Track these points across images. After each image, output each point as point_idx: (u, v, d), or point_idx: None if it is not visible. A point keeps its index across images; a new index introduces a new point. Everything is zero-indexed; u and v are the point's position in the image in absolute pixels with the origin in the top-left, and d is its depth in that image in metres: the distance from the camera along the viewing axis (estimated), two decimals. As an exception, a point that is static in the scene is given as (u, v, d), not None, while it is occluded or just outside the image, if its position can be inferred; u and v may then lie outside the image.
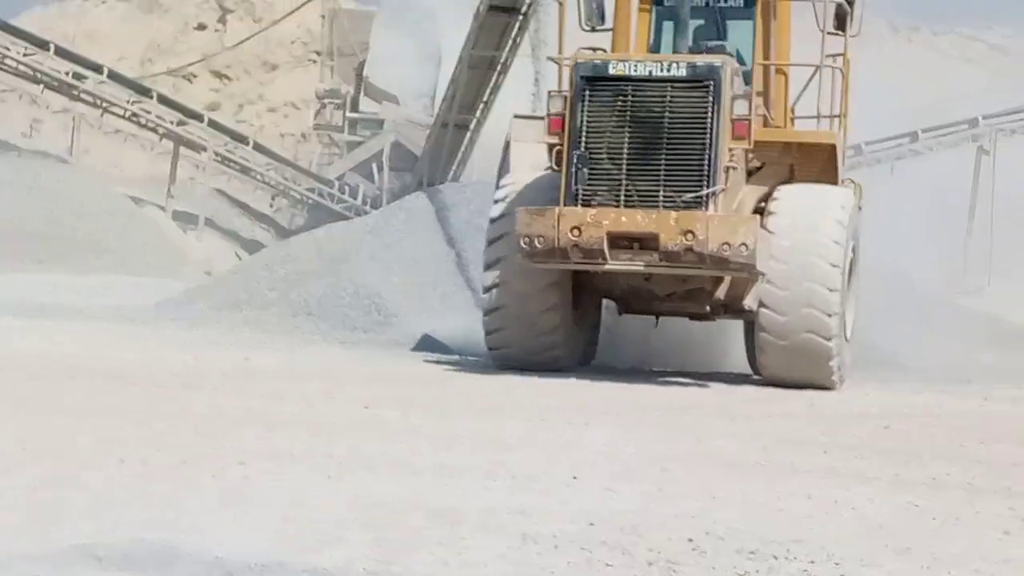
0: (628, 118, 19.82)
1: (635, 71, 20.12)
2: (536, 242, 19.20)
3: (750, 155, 21.73)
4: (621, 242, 19.32)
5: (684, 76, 19.84)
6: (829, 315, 20.04)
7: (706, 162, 19.54)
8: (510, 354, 21.21)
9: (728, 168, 20.02)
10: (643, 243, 19.12)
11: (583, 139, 19.93)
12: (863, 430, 15.03)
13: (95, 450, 11.80)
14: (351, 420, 14.07)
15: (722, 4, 22.72)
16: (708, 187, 19.37)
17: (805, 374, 20.57)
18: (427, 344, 23.50)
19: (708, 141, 19.48)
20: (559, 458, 12.22)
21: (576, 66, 21.58)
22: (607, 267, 19.81)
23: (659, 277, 20.82)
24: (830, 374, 20.51)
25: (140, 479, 10.98)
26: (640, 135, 19.87)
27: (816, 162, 22.20)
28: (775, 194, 21.52)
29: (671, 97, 19.92)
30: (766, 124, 22.61)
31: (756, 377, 22.21)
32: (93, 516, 9.73)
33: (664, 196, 19.63)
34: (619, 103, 19.97)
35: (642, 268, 19.90)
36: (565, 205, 19.67)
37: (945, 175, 36.05)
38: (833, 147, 22.31)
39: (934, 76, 42.65)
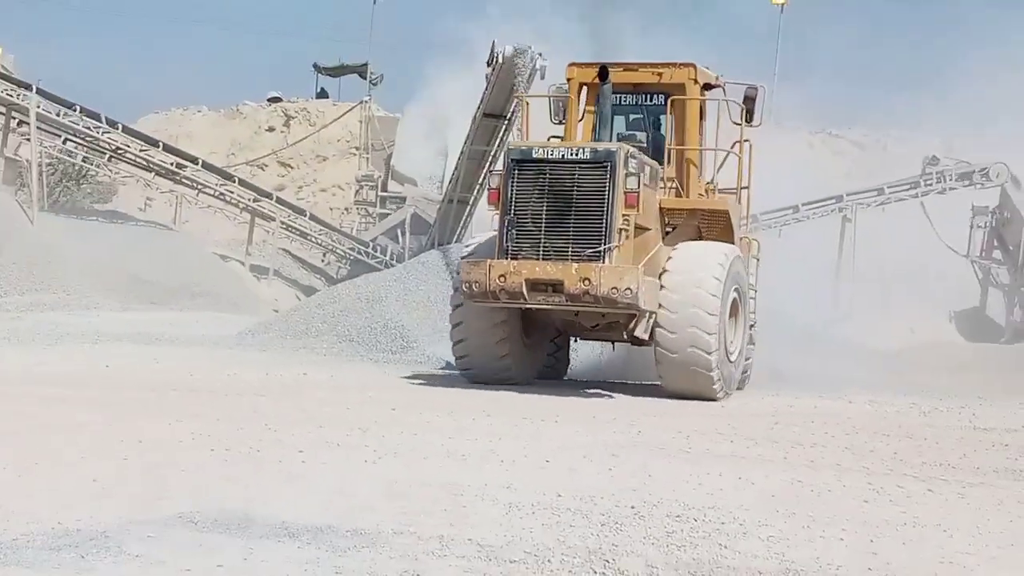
0: (546, 191, 20.32)
1: (551, 155, 20.55)
2: (473, 287, 19.76)
3: (664, 218, 22.05)
4: (538, 286, 19.60)
5: (587, 159, 20.24)
6: (708, 333, 19.63)
7: (603, 225, 19.82)
8: (474, 373, 21.40)
9: (622, 230, 20.15)
10: (554, 287, 19.47)
11: (512, 207, 20.41)
12: (760, 425, 15.01)
13: (190, 442, 11.77)
14: (381, 419, 14.03)
15: (649, 104, 22.94)
16: (604, 244, 19.65)
17: (692, 383, 20.01)
18: (437, 363, 23.60)
19: (605, 209, 19.84)
20: (535, 447, 12.19)
21: (507, 151, 22.18)
22: (527, 305, 20.21)
23: (585, 313, 20.94)
24: (711, 383, 19.78)
25: (223, 464, 10.94)
26: (554, 204, 20.29)
27: (716, 225, 22.27)
28: (677, 246, 21.50)
29: (578, 175, 20.36)
30: (678, 195, 22.66)
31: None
32: (190, 492, 9.69)
33: (572, 251, 19.92)
34: (539, 179, 20.43)
35: (551, 306, 20.25)
36: (498, 258, 20.13)
37: (820, 237, 35.88)
38: (727, 213, 22.25)
39: (811, 163, 42.40)
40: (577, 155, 20.58)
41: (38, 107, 34.39)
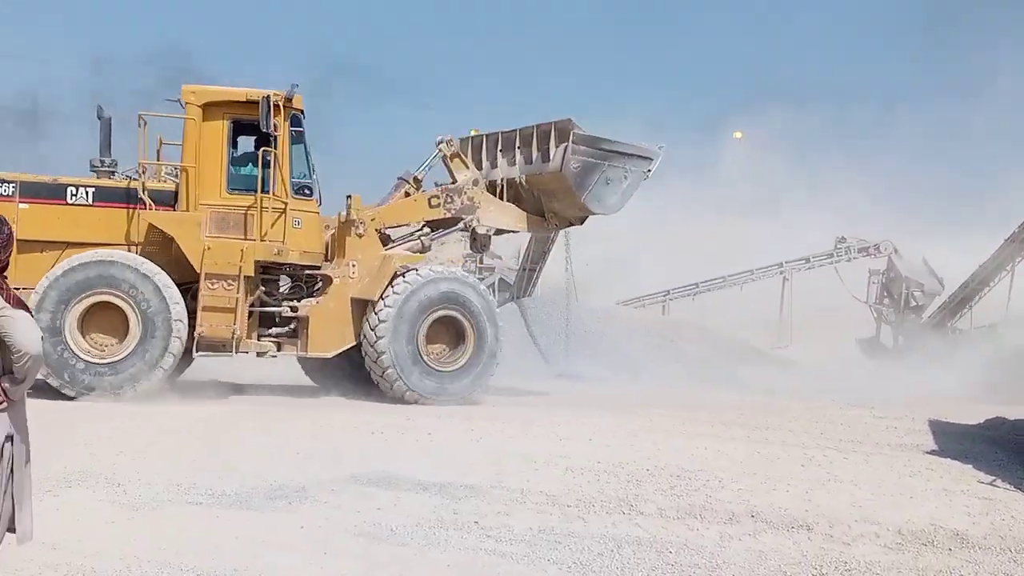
0: None
1: None
2: None
3: None
4: None
5: None
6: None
7: None
8: None
9: None
10: None
11: None
12: (731, 416, 14.87)
13: (360, 426, 11.84)
14: (478, 412, 13.97)
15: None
16: None
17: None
18: (513, 379, 23.00)
19: None
20: (582, 429, 12.15)
21: None
22: None
23: None
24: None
25: (380, 441, 10.97)
26: None
27: None
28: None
29: None
30: None
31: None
32: (358, 460, 9.75)
33: None
34: None
35: None
36: None
37: (764, 291, 35.86)
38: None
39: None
40: None
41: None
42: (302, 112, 14.98)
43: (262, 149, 14.41)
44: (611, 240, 36.35)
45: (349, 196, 15.64)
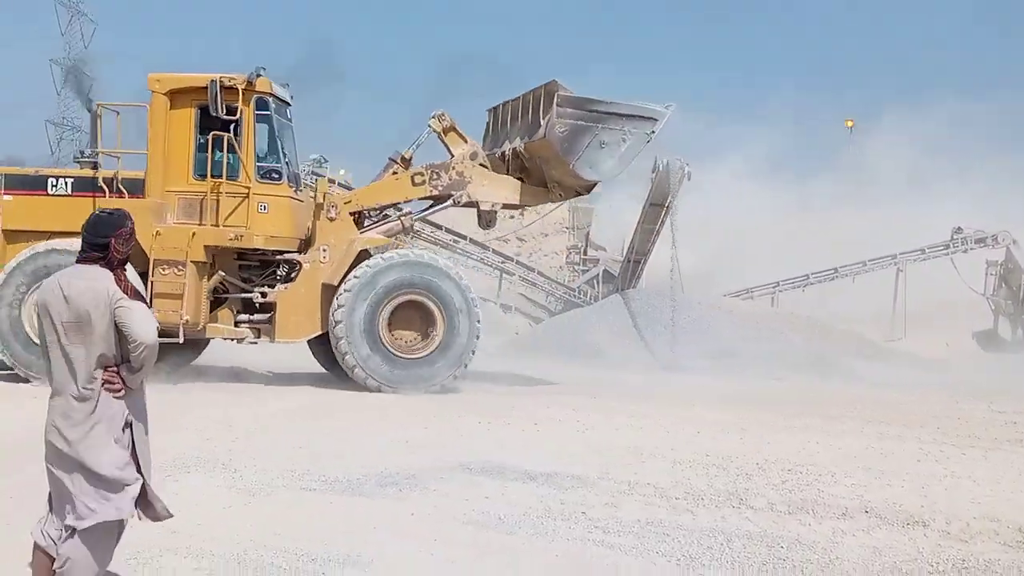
0: None
1: None
2: None
3: None
4: None
5: None
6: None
7: None
8: None
9: None
10: None
11: None
12: (845, 408, 14.55)
13: (465, 414, 11.96)
14: (583, 404, 13.86)
15: None
16: None
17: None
18: (616, 366, 22.86)
19: None
20: (688, 422, 12.05)
21: None
22: None
23: None
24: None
25: (487, 430, 11.02)
26: None
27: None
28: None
29: None
30: None
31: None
32: (465, 449, 9.81)
33: None
34: None
35: None
36: None
37: (881, 282, 35.07)
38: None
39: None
40: None
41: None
42: (271, 96, 14.63)
43: (212, 133, 14.14)
44: (719, 231, 36.05)
45: (315, 177, 15.28)
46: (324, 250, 14.86)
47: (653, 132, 15.24)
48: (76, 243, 13.66)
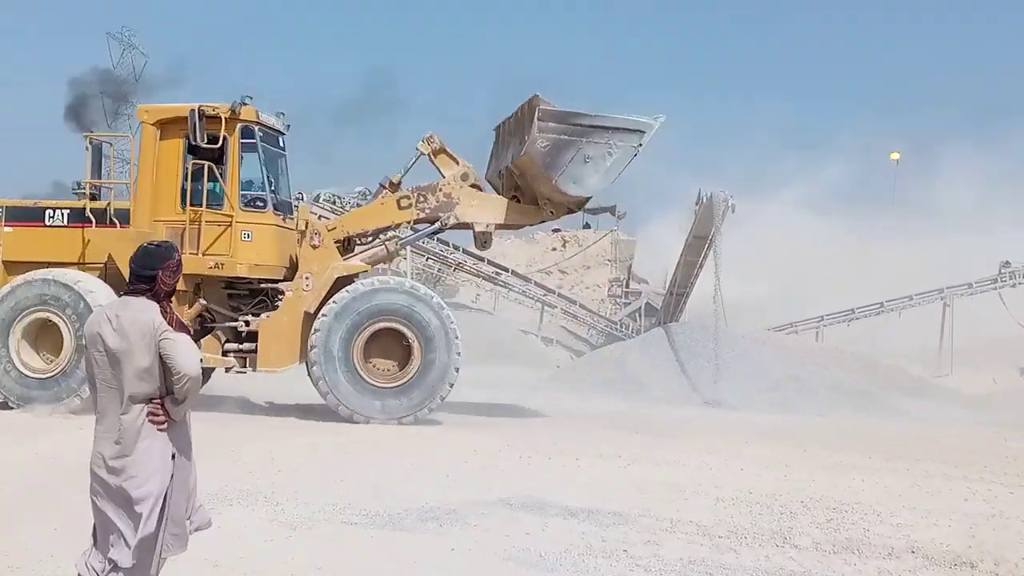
0: None
1: None
2: None
3: None
4: None
5: None
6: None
7: None
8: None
9: None
10: None
11: None
12: (891, 446, 14.35)
13: (506, 450, 11.87)
14: (623, 439, 13.84)
15: None
16: None
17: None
18: (659, 401, 22.87)
19: None
20: (733, 460, 11.94)
21: None
22: None
23: None
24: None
25: (526, 466, 10.99)
26: None
27: None
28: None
29: None
30: None
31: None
32: (505, 484, 9.79)
33: None
34: None
35: None
36: None
37: (928, 317, 34.77)
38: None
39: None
40: None
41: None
42: (258, 124, 14.58)
43: (193, 161, 14.17)
44: (764, 264, 35.89)
45: (299, 200, 15.04)
46: (307, 278, 14.69)
47: (640, 145, 14.69)
48: (64, 273, 13.75)
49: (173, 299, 5.50)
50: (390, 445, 11.96)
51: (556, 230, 47.16)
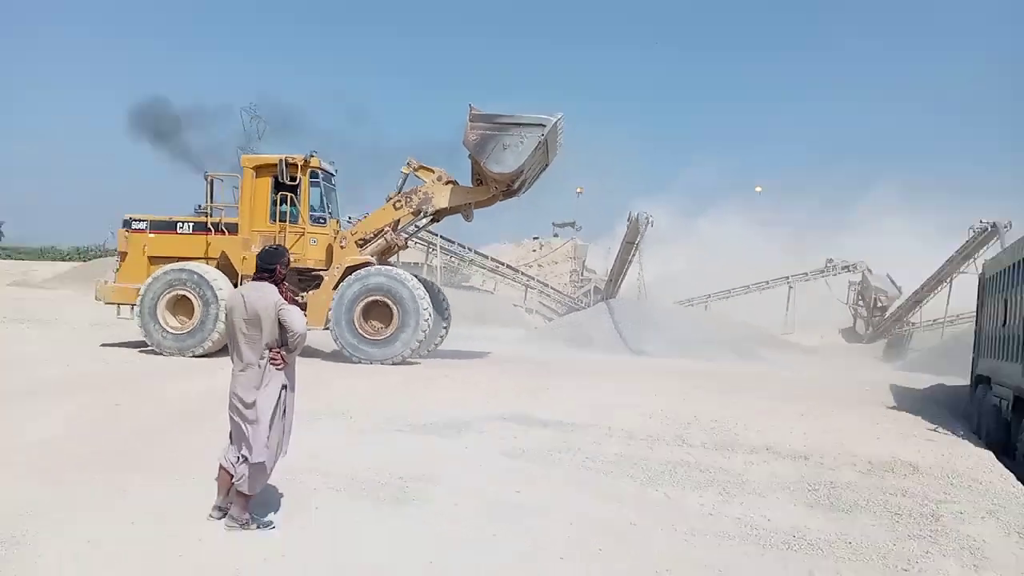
0: None
1: None
2: None
3: None
4: None
5: None
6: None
7: None
8: None
9: None
10: None
11: None
12: (755, 381, 14.22)
13: (505, 382, 11.65)
14: (592, 378, 13.71)
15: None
16: None
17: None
18: (611, 352, 22.64)
19: None
20: (650, 389, 11.84)
21: None
22: None
23: None
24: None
25: (520, 394, 10.88)
26: None
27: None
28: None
29: None
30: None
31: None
32: (504, 405, 9.66)
33: None
34: None
35: None
36: None
37: (780, 295, 34.86)
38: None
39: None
40: None
41: (441, 244, 35.73)
42: (320, 168, 14.80)
43: (280, 193, 14.46)
44: (671, 257, 35.99)
45: (336, 219, 15.39)
46: (337, 268, 14.72)
47: (542, 135, 13.94)
48: (192, 264, 13.78)
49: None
50: (427, 383, 11.84)
51: (535, 238, 46.93)
